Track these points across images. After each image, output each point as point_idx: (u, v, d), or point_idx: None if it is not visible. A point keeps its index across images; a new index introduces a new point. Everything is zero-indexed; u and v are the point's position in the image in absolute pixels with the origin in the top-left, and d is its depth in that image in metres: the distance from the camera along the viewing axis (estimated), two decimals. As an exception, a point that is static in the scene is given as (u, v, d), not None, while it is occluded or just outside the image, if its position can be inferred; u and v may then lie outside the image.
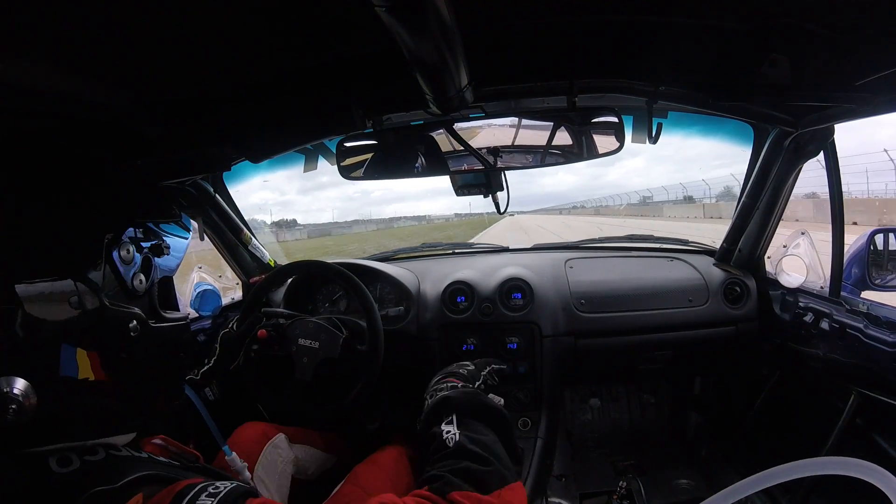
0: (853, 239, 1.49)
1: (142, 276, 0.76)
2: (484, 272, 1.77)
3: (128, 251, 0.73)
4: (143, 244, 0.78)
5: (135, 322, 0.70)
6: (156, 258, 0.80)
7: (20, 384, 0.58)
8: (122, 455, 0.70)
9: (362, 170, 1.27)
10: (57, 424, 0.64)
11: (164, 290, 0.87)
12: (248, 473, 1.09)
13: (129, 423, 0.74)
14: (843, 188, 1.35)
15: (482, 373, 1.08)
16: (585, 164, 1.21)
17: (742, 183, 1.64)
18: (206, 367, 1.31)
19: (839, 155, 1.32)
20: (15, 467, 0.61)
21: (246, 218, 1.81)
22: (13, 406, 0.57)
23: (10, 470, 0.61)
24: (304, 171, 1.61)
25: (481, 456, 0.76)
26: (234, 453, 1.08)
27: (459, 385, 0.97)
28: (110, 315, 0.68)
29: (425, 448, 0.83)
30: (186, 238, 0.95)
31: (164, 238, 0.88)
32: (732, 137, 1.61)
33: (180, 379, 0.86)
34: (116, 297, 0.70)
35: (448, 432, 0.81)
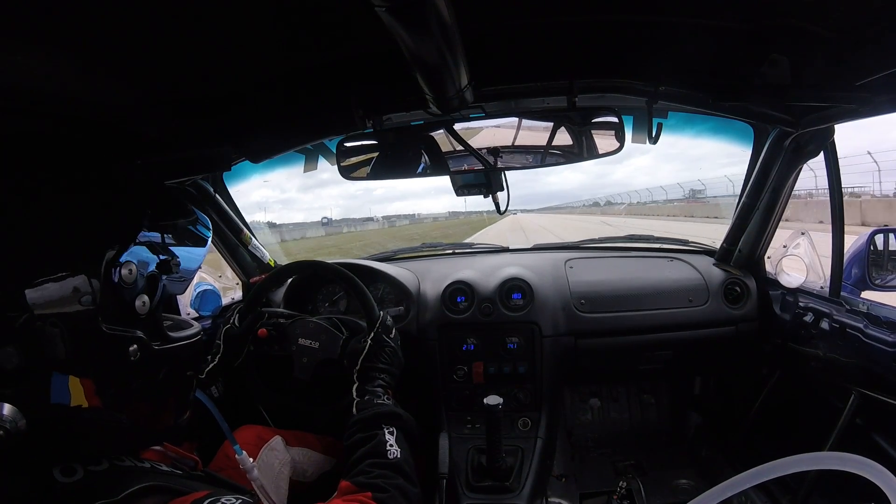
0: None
1: (145, 298, 0.69)
2: (484, 272, 1.77)
3: (130, 271, 0.66)
4: (150, 260, 0.71)
5: (135, 346, 0.66)
6: (164, 275, 0.73)
7: (6, 409, 0.57)
8: (125, 465, 0.69)
9: (362, 170, 1.27)
10: (53, 447, 0.63)
11: (166, 301, 0.83)
12: (256, 472, 1.08)
13: (129, 442, 0.72)
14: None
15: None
16: (591, 163, 1.21)
17: (742, 183, 1.64)
18: (210, 366, 1.31)
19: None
20: (19, 475, 0.61)
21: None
22: (0, 433, 0.56)
23: (14, 478, 0.61)
24: (304, 171, 1.61)
25: (411, 477, 0.94)
26: (244, 452, 1.07)
27: (390, 394, 1.15)
28: (107, 340, 0.64)
29: (355, 437, 1.00)
30: (207, 238, 0.86)
31: (194, 228, 0.83)
32: (732, 137, 1.61)
33: (188, 394, 0.83)
34: (115, 321, 0.65)
35: (391, 444, 0.97)
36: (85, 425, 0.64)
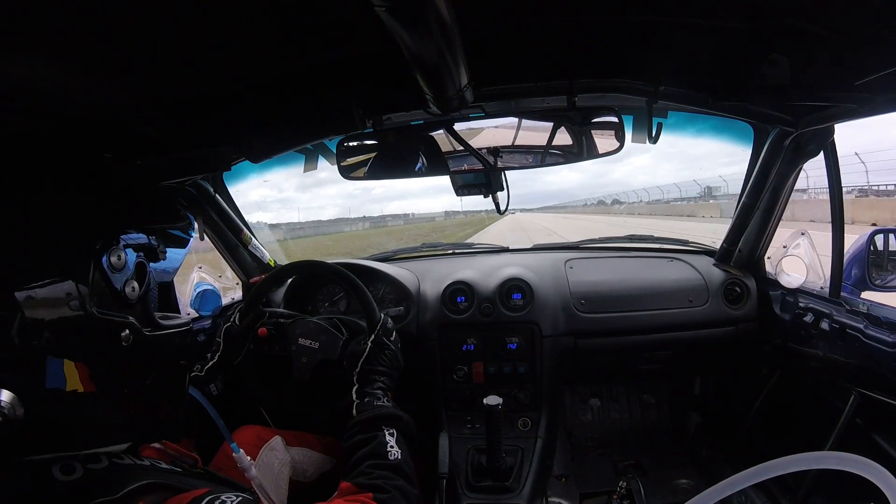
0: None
1: (135, 284, 0.71)
2: (484, 272, 1.77)
3: (119, 257, 0.68)
4: (138, 251, 0.73)
5: (127, 331, 0.68)
6: (151, 263, 0.75)
7: (5, 396, 0.57)
8: (125, 463, 0.70)
9: (362, 169, 1.27)
10: (50, 435, 0.63)
11: (164, 294, 0.84)
12: (254, 471, 1.08)
13: (127, 432, 0.72)
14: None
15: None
16: (590, 162, 1.21)
17: (742, 183, 1.64)
18: (210, 363, 1.31)
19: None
20: (19, 474, 0.61)
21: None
22: None
23: (13, 477, 0.61)
24: (304, 171, 1.61)
25: (411, 479, 0.95)
26: (241, 450, 1.07)
27: (389, 397, 1.15)
28: (99, 325, 0.65)
29: (355, 438, 1.00)
30: (189, 238, 0.90)
31: (181, 232, 0.85)
32: (733, 137, 1.61)
33: (183, 385, 0.83)
34: (106, 306, 0.66)
35: (391, 445, 0.97)
36: (81, 414, 0.64)
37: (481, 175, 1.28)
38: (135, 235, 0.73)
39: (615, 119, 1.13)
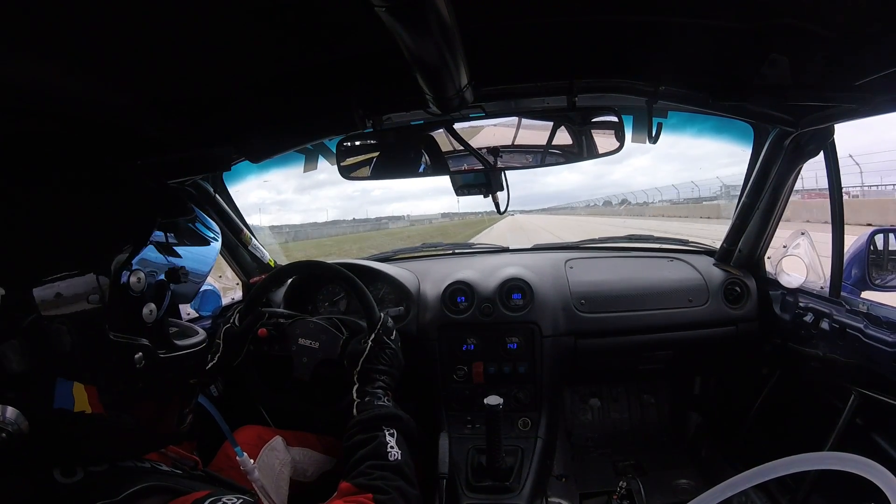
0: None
1: (153, 306, 0.68)
2: (484, 272, 1.78)
3: (139, 279, 0.66)
4: (159, 270, 0.70)
5: (140, 354, 0.66)
6: (172, 283, 0.72)
7: (9, 412, 0.57)
8: (126, 466, 0.69)
9: (362, 169, 1.27)
10: (54, 449, 0.63)
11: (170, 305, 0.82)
12: (257, 473, 1.08)
13: (131, 449, 0.72)
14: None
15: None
16: (590, 163, 1.22)
17: (742, 183, 1.64)
18: (210, 365, 1.31)
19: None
20: (19, 476, 0.61)
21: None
22: (3, 435, 0.56)
23: (14, 478, 0.61)
24: (304, 171, 1.61)
25: (411, 480, 0.94)
26: (245, 454, 1.07)
27: (390, 396, 1.15)
28: (112, 348, 0.63)
29: (355, 438, 1.00)
30: (217, 240, 0.85)
31: (195, 226, 0.81)
32: (733, 137, 1.61)
33: (191, 401, 0.82)
34: (122, 329, 0.65)
35: (391, 446, 0.97)
36: (86, 430, 0.64)
37: (481, 175, 1.28)
38: (157, 237, 0.71)
39: (615, 119, 1.13)
